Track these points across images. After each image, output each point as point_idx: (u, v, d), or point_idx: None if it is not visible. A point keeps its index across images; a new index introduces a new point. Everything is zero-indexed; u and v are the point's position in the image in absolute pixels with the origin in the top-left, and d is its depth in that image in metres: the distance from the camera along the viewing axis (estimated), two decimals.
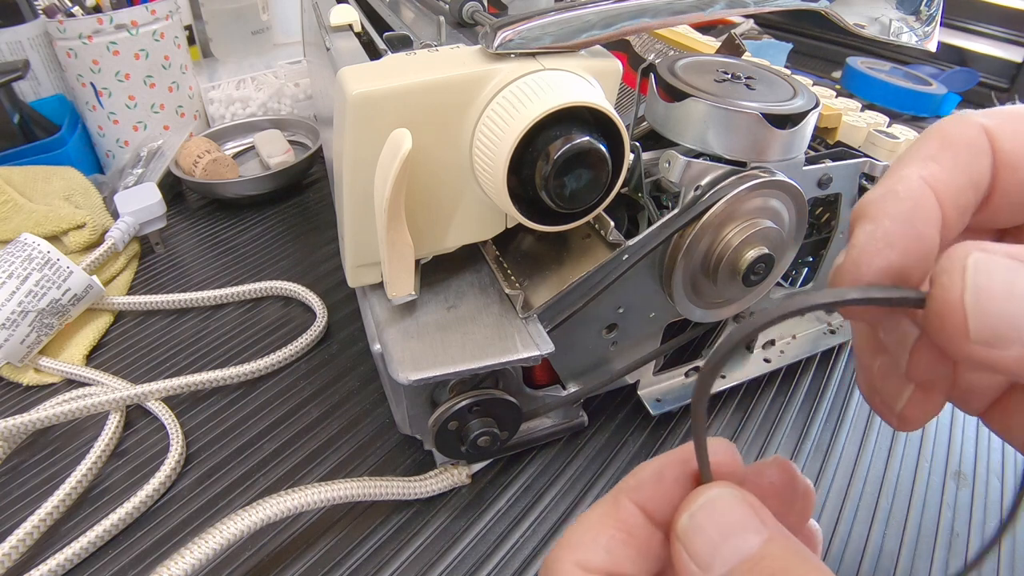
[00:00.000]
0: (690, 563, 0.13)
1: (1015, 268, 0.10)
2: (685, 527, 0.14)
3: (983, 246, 0.11)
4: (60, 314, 0.39)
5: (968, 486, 0.31)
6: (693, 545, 0.13)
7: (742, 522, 0.13)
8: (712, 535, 0.13)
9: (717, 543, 0.13)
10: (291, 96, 0.66)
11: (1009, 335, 0.10)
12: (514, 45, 0.24)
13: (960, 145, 0.13)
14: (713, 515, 0.13)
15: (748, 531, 0.13)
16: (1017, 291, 0.10)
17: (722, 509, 0.13)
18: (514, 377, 0.29)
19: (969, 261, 0.11)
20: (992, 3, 0.69)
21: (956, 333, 0.11)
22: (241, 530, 0.25)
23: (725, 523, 0.13)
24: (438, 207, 0.26)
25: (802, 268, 0.37)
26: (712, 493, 0.14)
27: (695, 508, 0.14)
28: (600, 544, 0.14)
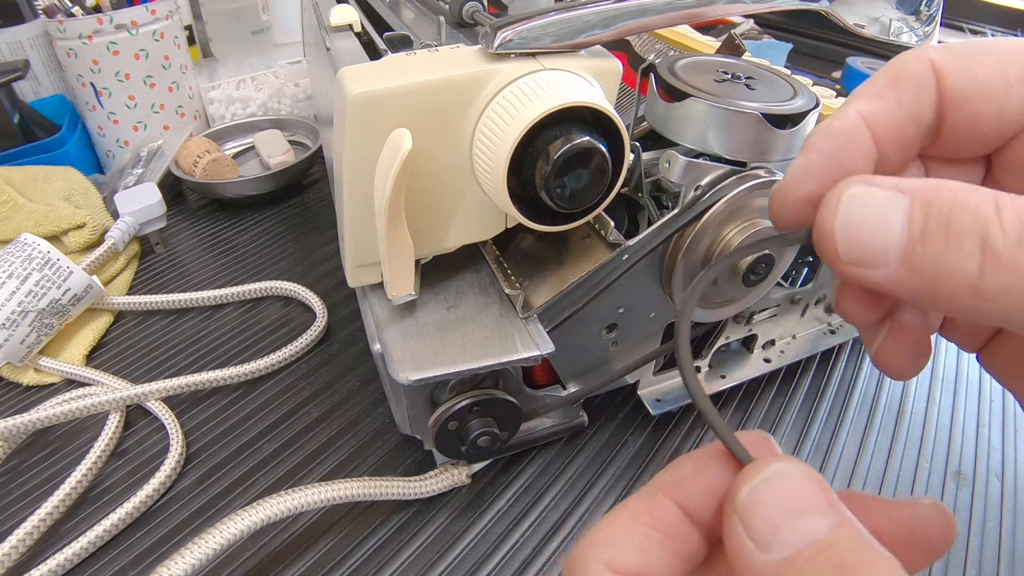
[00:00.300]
0: (747, 540, 0.12)
1: (890, 200, 0.12)
2: (745, 500, 0.12)
3: (867, 179, 0.12)
4: (60, 314, 0.39)
5: (968, 486, 0.31)
6: (752, 520, 0.12)
7: (810, 502, 0.12)
8: (775, 512, 0.12)
9: (780, 522, 0.12)
10: (291, 96, 0.66)
11: (873, 258, 0.12)
12: (514, 45, 0.24)
13: (905, 82, 0.14)
14: (778, 490, 0.12)
15: (816, 513, 0.12)
16: (885, 221, 0.12)
17: (788, 485, 0.12)
18: (514, 377, 0.29)
19: (845, 194, 0.12)
20: (992, 3, 0.69)
21: (830, 253, 0.13)
22: (241, 530, 0.25)
23: (791, 501, 0.12)
24: (438, 207, 0.26)
25: (802, 268, 0.37)
26: (779, 466, 0.12)
27: (758, 480, 0.12)
28: (633, 544, 0.13)
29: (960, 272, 0.11)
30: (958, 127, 0.14)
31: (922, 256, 0.12)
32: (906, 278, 0.12)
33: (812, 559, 0.11)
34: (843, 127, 0.14)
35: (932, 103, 0.14)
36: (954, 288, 0.11)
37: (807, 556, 0.11)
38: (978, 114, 0.14)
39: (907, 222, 0.12)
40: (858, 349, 0.39)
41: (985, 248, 0.11)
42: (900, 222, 0.12)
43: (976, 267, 0.11)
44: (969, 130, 0.14)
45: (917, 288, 0.12)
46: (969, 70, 0.14)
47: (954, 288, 0.11)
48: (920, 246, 0.12)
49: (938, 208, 0.11)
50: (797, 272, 0.37)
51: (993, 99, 0.14)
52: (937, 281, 0.11)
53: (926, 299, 0.12)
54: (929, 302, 0.12)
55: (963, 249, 0.11)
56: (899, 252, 0.12)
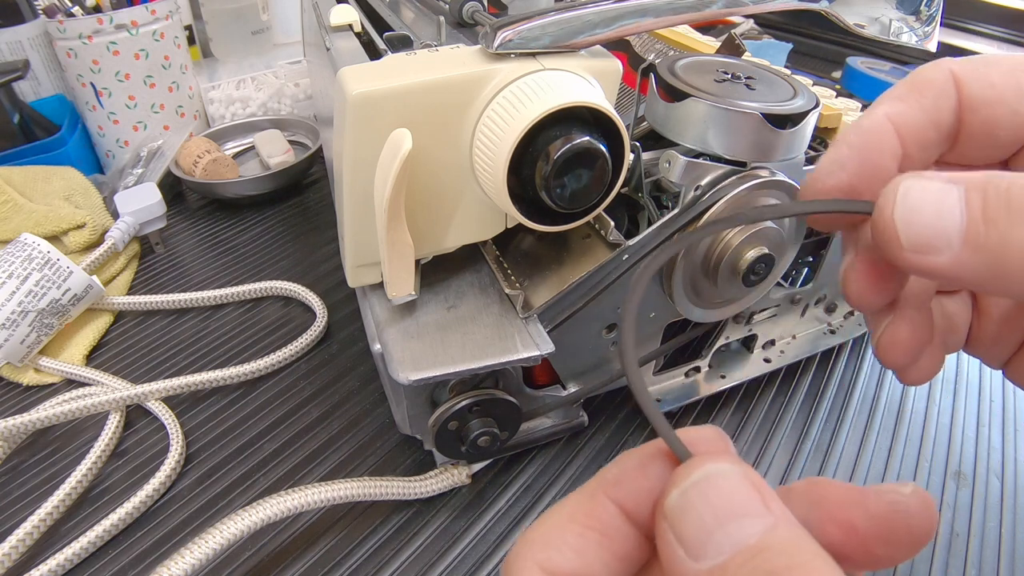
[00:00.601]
0: (678, 548, 0.11)
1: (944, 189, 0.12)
2: (675, 505, 0.12)
3: (920, 174, 0.13)
4: (60, 314, 0.39)
5: (968, 486, 0.31)
6: (683, 527, 0.11)
7: (743, 504, 0.11)
8: (706, 517, 0.11)
9: (711, 527, 0.11)
10: (291, 96, 0.66)
11: (936, 244, 0.12)
12: (514, 45, 0.24)
13: (926, 88, 0.15)
14: (709, 493, 0.12)
15: (749, 516, 0.11)
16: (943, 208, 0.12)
17: (720, 487, 0.12)
18: (514, 377, 0.29)
19: (901, 185, 0.13)
20: (992, 3, 0.69)
21: (892, 243, 0.13)
22: (241, 530, 0.25)
23: (722, 504, 0.11)
24: (438, 207, 0.26)
25: (802, 268, 0.37)
26: (709, 467, 0.12)
27: (688, 483, 0.12)
28: (569, 543, 0.13)
29: None
30: (975, 132, 0.15)
31: (986, 235, 0.12)
32: (970, 260, 0.12)
33: (744, 565, 0.11)
34: (872, 125, 0.15)
35: (952, 108, 0.15)
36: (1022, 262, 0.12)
37: (740, 562, 0.11)
38: (994, 119, 0.15)
39: (965, 207, 0.12)
40: (858, 349, 0.39)
41: None
42: (959, 207, 0.12)
43: None
44: (986, 135, 0.15)
45: (983, 269, 0.12)
46: (987, 78, 0.15)
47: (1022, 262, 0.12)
48: (983, 226, 0.12)
49: (996, 189, 0.12)
50: (797, 272, 0.37)
51: (1008, 105, 0.14)
52: (1004, 257, 0.12)
53: (992, 279, 0.12)
54: (995, 283, 0.12)
55: None
56: (961, 236, 0.12)
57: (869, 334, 0.18)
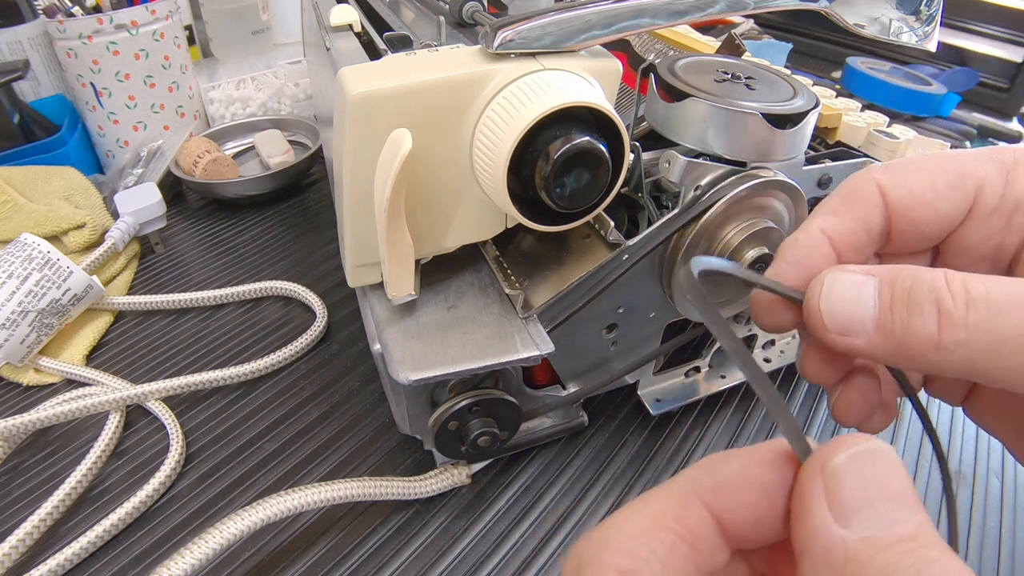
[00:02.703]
0: (824, 509, 0.11)
1: (862, 281, 0.15)
2: (839, 467, 0.11)
3: (843, 267, 0.15)
4: (60, 314, 0.39)
5: (968, 486, 0.31)
6: (840, 491, 0.11)
7: (904, 492, 0.11)
8: (867, 490, 0.11)
9: (869, 500, 0.11)
10: (291, 96, 0.66)
11: (854, 328, 0.15)
12: (514, 45, 0.24)
13: (856, 200, 0.17)
14: (877, 467, 0.11)
15: (906, 505, 0.11)
16: (861, 297, 0.15)
17: (888, 467, 0.11)
18: (514, 377, 0.29)
19: (827, 278, 0.15)
20: (992, 3, 0.69)
21: (818, 326, 0.15)
22: (241, 530, 0.25)
23: (888, 483, 0.11)
24: (438, 207, 0.26)
25: None
26: (876, 445, 0.12)
27: (856, 451, 0.12)
28: (657, 554, 0.12)
29: (923, 332, 0.14)
30: (904, 231, 0.17)
31: (892, 323, 0.14)
32: (881, 342, 0.14)
33: (893, 547, 0.10)
34: (807, 239, 0.17)
35: (880, 214, 0.17)
36: (920, 346, 0.14)
37: (891, 541, 0.11)
38: (918, 220, 0.17)
39: (877, 297, 0.14)
40: None
41: (940, 310, 0.13)
42: (872, 297, 0.14)
43: (935, 326, 0.13)
44: (913, 232, 0.17)
45: (891, 349, 0.14)
46: (905, 185, 0.17)
47: (920, 346, 0.14)
48: (889, 315, 0.14)
49: (901, 283, 0.14)
50: None
51: (928, 206, 0.17)
52: (906, 341, 0.14)
53: (899, 358, 0.14)
54: (903, 361, 0.14)
55: (924, 313, 0.14)
56: (873, 321, 0.14)
57: None
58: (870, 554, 0.11)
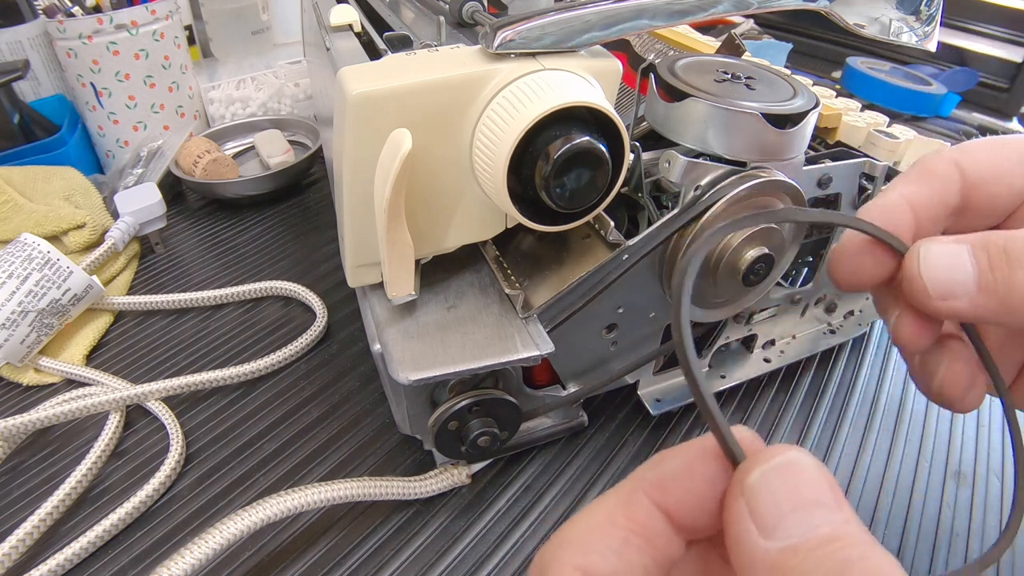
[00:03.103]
0: (750, 525, 0.12)
1: (956, 249, 0.16)
2: (754, 483, 0.12)
3: (933, 239, 0.17)
4: (60, 314, 0.39)
5: (968, 486, 0.31)
6: (759, 505, 0.12)
7: (820, 496, 0.12)
8: (783, 500, 0.12)
9: (787, 509, 0.12)
10: (291, 96, 0.66)
11: (956, 291, 0.16)
12: (514, 45, 0.24)
13: (933, 174, 0.18)
14: (789, 478, 0.12)
15: (825, 507, 0.12)
16: (957, 263, 0.16)
17: (799, 474, 0.12)
18: (514, 377, 0.29)
19: (921, 248, 0.17)
20: (992, 3, 0.69)
21: (920, 293, 0.16)
22: (241, 530, 0.25)
23: (801, 491, 0.12)
24: (438, 207, 0.26)
25: (802, 268, 0.37)
26: (791, 455, 0.12)
27: (770, 466, 0.12)
28: (612, 548, 0.13)
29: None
30: (980, 205, 0.18)
31: (993, 281, 0.15)
32: (985, 302, 0.16)
33: (816, 550, 0.11)
34: (889, 202, 0.18)
35: (957, 189, 0.18)
36: None
37: (811, 547, 0.11)
38: (995, 194, 0.18)
39: (974, 260, 0.16)
40: (858, 349, 0.39)
41: None
42: (969, 261, 0.16)
43: None
44: (988, 206, 0.18)
45: (995, 307, 0.15)
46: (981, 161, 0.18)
47: None
48: (990, 273, 0.15)
49: (994, 244, 0.16)
50: (797, 272, 0.37)
51: (1003, 180, 0.18)
52: (1010, 296, 0.15)
53: (1005, 314, 0.15)
54: (1008, 316, 0.16)
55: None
56: (974, 283, 0.16)
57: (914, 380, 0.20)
58: (793, 562, 0.11)
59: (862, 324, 0.39)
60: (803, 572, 0.11)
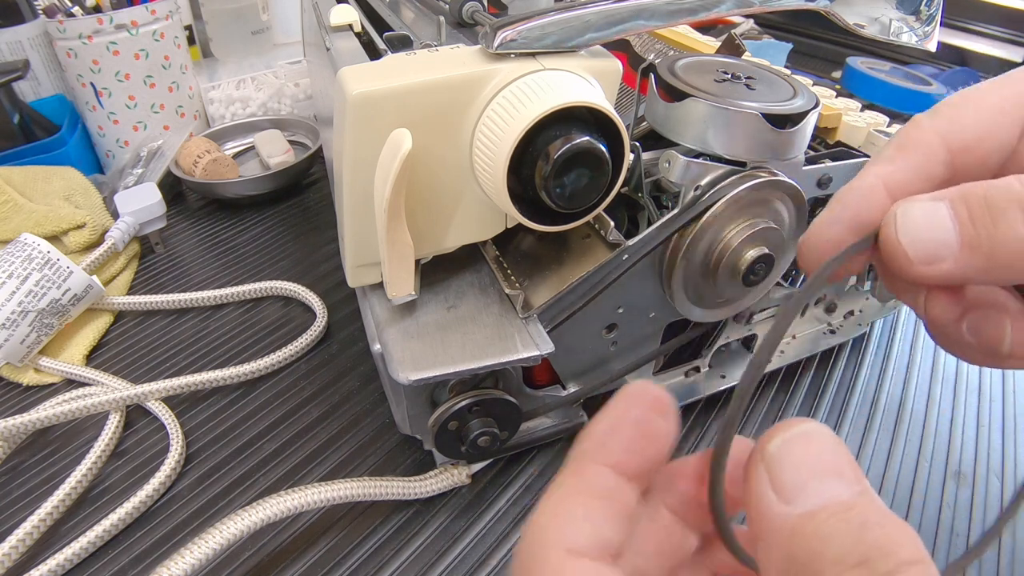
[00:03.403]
0: (770, 491, 0.12)
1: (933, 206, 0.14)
2: (775, 452, 0.12)
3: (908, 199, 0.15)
4: (60, 314, 0.39)
5: (968, 486, 0.31)
6: (780, 473, 0.12)
7: (839, 466, 0.12)
8: (804, 467, 0.12)
9: (807, 477, 0.12)
10: (291, 96, 0.66)
11: (939, 252, 0.14)
12: (514, 45, 0.24)
13: (912, 148, 0.16)
14: (810, 447, 0.12)
15: (843, 477, 0.12)
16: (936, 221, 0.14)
17: (820, 444, 0.12)
18: (514, 377, 0.29)
19: (898, 211, 0.15)
20: (992, 3, 0.69)
21: (902, 261, 0.14)
22: (241, 530, 0.25)
23: (821, 460, 0.12)
24: (438, 207, 0.26)
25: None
26: (811, 426, 0.13)
27: (792, 434, 0.13)
28: (579, 516, 0.13)
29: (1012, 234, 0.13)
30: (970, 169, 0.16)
31: (976, 235, 0.14)
32: (969, 258, 0.14)
33: (834, 515, 0.11)
34: (862, 185, 0.16)
35: (941, 160, 0.16)
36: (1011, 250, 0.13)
37: (830, 511, 0.11)
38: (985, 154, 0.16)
39: (954, 216, 0.14)
40: (858, 349, 0.39)
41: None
42: (948, 217, 0.14)
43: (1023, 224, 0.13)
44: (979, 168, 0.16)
45: (982, 263, 0.14)
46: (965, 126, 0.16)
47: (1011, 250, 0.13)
48: (971, 228, 0.14)
49: (974, 196, 0.14)
50: (797, 272, 0.37)
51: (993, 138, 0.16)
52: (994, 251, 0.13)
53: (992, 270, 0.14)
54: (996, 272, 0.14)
55: (1008, 217, 0.13)
56: (957, 240, 0.14)
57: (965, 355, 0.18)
58: (812, 526, 0.11)
59: (862, 324, 0.39)
60: (822, 536, 0.11)
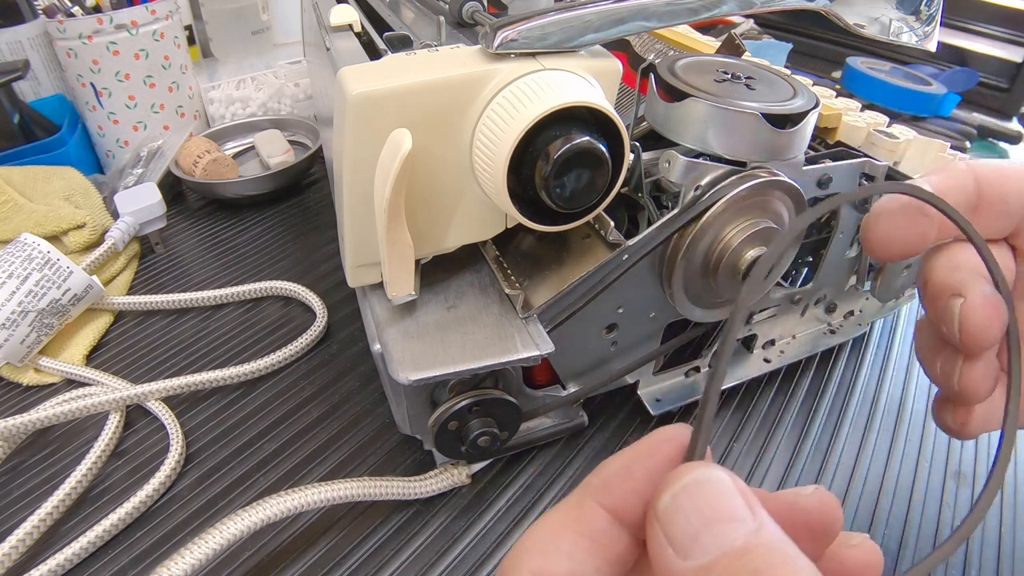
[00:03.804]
0: (667, 548, 0.12)
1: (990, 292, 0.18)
2: (666, 507, 0.13)
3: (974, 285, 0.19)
4: (60, 314, 0.39)
5: (968, 486, 0.31)
6: (673, 528, 0.12)
7: (729, 509, 0.12)
8: (695, 520, 0.12)
9: (699, 529, 0.12)
10: (291, 96, 0.66)
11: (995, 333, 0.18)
12: (514, 45, 0.24)
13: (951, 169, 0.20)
14: (698, 497, 0.12)
15: (735, 520, 0.12)
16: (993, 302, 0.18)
17: (708, 492, 0.12)
18: (514, 377, 0.29)
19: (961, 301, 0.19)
20: (992, 3, 0.69)
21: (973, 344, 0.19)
22: (241, 530, 0.25)
23: (710, 508, 0.12)
24: (438, 207, 0.26)
25: (802, 268, 0.37)
26: (698, 473, 0.13)
27: (679, 487, 0.13)
28: (562, 550, 0.13)
29: None
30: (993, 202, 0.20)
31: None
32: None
33: (729, 565, 0.11)
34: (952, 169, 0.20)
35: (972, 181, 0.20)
36: None
37: (724, 563, 0.11)
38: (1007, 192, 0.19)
39: None
40: (858, 349, 0.39)
41: None
42: None
43: None
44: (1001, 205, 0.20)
45: None
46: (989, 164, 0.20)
47: None
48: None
49: None
50: (797, 272, 0.37)
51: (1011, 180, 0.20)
52: None
53: None
54: None
55: None
56: None
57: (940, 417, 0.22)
58: None
59: (862, 324, 0.39)
60: None
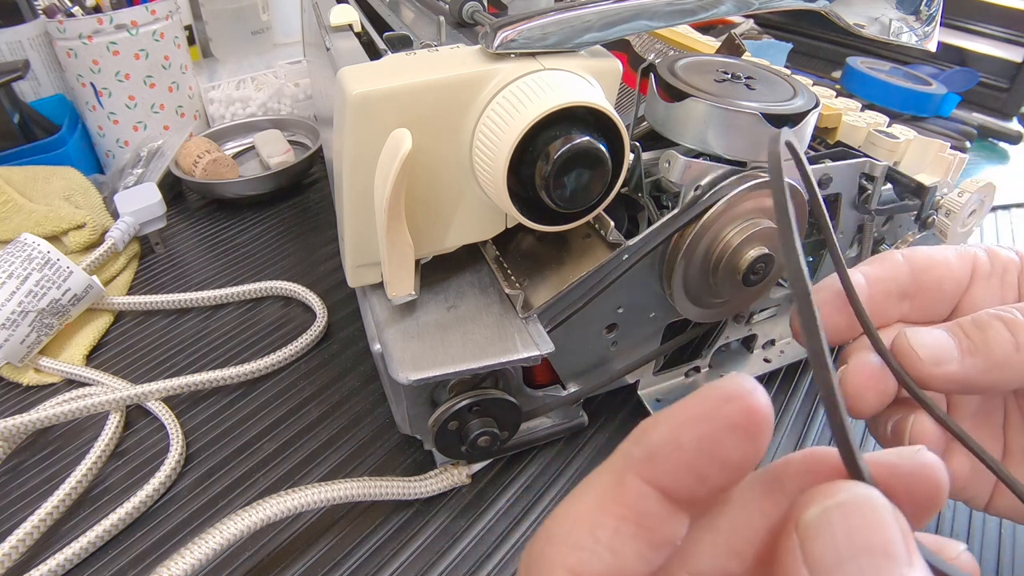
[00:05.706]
0: (801, 566, 0.10)
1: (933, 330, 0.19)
2: (811, 521, 0.11)
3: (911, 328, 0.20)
4: (60, 314, 0.39)
5: None
6: (814, 547, 0.10)
7: (884, 543, 0.10)
8: (843, 544, 0.10)
9: (845, 556, 0.10)
10: (291, 96, 0.66)
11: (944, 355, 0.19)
12: (514, 45, 0.24)
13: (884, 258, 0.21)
14: (852, 519, 0.10)
15: (889, 557, 0.10)
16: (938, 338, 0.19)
17: (865, 516, 0.10)
18: (514, 377, 0.29)
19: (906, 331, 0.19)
20: (992, 3, 0.69)
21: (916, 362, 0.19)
22: (241, 530, 0.25)
23: (863, 536, 0.10)
24: (438, 207, 0.26)
25: None
26: (857, 491, 0.11)
27: (832, 502, 0.11)
28: (601, 541, 0.11)
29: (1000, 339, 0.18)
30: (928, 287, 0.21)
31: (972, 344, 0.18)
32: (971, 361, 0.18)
33: None
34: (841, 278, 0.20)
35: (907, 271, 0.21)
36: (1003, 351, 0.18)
37: None
38: (939, 277, 0.21)
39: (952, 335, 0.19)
40: None
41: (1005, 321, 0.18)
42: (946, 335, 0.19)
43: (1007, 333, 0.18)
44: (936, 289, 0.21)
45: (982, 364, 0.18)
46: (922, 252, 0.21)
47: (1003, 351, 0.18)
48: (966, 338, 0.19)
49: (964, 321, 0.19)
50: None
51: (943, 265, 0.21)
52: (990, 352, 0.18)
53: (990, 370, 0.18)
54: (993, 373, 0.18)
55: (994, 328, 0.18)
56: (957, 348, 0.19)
57: None
58: None
59: None
60: None
